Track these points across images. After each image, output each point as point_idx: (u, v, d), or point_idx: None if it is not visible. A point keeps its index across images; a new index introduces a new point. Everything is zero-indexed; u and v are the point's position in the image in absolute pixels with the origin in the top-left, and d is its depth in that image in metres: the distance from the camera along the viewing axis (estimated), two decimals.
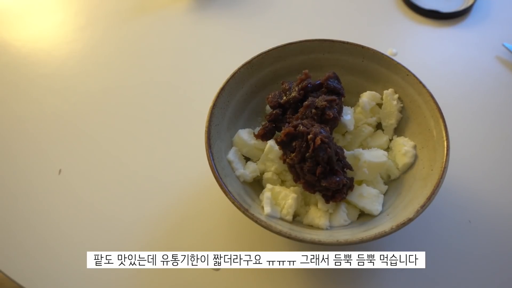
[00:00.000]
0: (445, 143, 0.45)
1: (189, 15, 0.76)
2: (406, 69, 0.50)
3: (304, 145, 0.43)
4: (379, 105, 0.53)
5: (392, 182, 0.50)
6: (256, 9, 0.76)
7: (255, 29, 0.73)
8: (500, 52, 0.69)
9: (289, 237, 0.40)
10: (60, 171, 0.56)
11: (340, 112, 0.48)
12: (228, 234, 0.50)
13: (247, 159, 0.51)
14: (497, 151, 0.57)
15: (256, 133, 0.50)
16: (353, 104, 0.54)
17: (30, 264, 0.49)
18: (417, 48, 0.71)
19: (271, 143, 0.47)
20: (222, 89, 0.49)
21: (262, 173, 0.49)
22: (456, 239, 0.50)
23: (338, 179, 0.43)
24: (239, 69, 0.50)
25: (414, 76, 0.50)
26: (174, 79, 0.67)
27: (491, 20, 0.73)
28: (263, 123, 0.50)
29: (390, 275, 0.48)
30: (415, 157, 0.49)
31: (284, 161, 0.46)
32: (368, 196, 0.46)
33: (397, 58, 0.52)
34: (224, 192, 0.42)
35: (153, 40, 0.72)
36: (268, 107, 0.51)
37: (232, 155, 0.48)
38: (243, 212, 0.41)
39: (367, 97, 0.52)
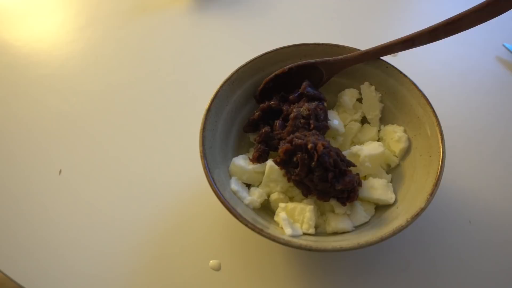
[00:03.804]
0: (437, 128, 0.45)
1: (188, 16, 0.76)
2: (386, 62, 0.51)
3: (306, 157, 0.42)
4: (359, 100, 0.54)
5: (393, 176, 0.50)
6: (256, 10, 0.77)
7: (254, 30, 0.73)
8: (500, 52, 0.69)
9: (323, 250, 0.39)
10: (60, 171, 0.56)
11: (325, 116, 0.49)
12: (224, 236, 0.51)
13: (247, 186, 0.50)
14: (497, 151, 0.57)
15: (250, 158, 0.49)
16: (333, 103, 0.54)
17: (30, 264, 0.49)
18: (416, 48, 0.70)
19: (270, 163, 0.46)
20: (209, 110, 0.48)
21: (268, 196, 0.48)
22: (457, 239, 0.50)
23: (350, 177, 0.43)
24: (221, 87, 0.49)
25: (394, 67, 0.50)
26: (173, 79, 0.67)
27: (491, 20, 0.73)
28: (255, 146, 0.50)
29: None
30: (409, 140, 0.49)
31: (289, 179, 0.45)
32: (379, 187, 0.46)
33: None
34: (246, 224, 0.40)
35: (153, 41, 0.72)
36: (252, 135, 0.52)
37: (235, 184, 0.47)
38: (274, 241, 0.39)
39: (347, 95, 0.53)
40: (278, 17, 0.75)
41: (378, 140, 0.52)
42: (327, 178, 0.42)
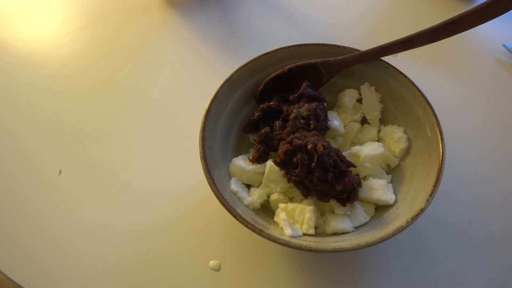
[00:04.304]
0: (437, 129, 0.45)
1: (188, 16, 0.76)
2: (386, 62, 0.51)
3: (306, 157, 0.42)
4: (359, 100, 0.54)
5: (393, 177, 0.50)
6: (255, 10, 0.76)
7: (254, 30, 0.73)
8: (500, 53, 0.69)
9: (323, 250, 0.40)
10: (60, 171, 0.56)
11: (326, 117, 0.49)
12: (224, 237, 0.50)
13: (247, 186, 0.49)
14: (497, 152, 0.57)
15: (250, 158, 0.49)
16: (333, 104, 0.54)
17: (30, 264, 0.49)
18: (416, 48, 0.71)
19: (270, 164, 0.46)
20: (208, 110, 0.48)
21: (268, 196, 0.48)
22: (457, 239, 0.50)
23: (350, 178, 0.43)
24: (221, 87, 0.49)
25: (394, 67, 0.50)
26: (173, 79, 0.67)
27: (491, 20, 0.73)
28: (255, 146, 0.50)
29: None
30: (409, 140, 0.49)
31: (289, 180, 0.45)
32: (379, 187, 0.46)
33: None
34: (246, 225, 0.40)
35: (153, 41, 0.72)
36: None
37: (235, 185, 0.47)
38: (274, 241, 0.39)
39: (347, 96, 0.53)
40: (278, 17, 0.75)
41: (378, 140, 0.52)
42: (327, 179, 0.42)
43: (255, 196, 0.47)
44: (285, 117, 0.49)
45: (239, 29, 0.74)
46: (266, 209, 0.48)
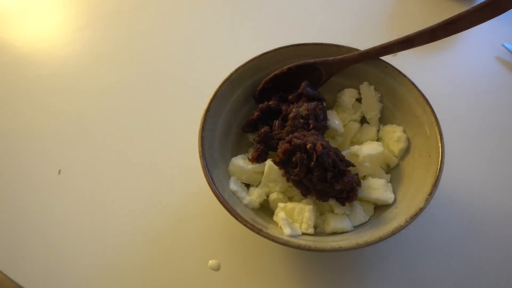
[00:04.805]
0: (437, 128, 0.45)
1: (188, 15, 0.76)
2: (385, 61, 0.51)
3: (305, 157, 0.42)
4: (358, 100, 0.54)
5: (392, 176, 0.50)
6: (255, 9, 0.77)
7: (254, 29, 0.73)
8: (500, 53, 0.69)
9: (320, 250, 0.39)
10: (59, 171, 0.56)
11: (325, 116, 0.49)
12: (223, 236, 0.51)
13: (246, 185, 0.49)
14: (497, 151, 0.57)
15: (249, 157, 0.49)
16: (332, 103, 0.54)
17: (30, 264, 0.49)
18: (416, 48, 0.70)
19: (269, 163, 0.46)
20: (208, 110, 0.48)
21: (267, 196, 0.48)
22: (456, 240, 0.50)
23: (349, 177, 0.43)
24: (220, 87, 0.49)
25: (393, 67, 0.50)
26: (173, 79, 0.67)
27: (491, 20, 0.73)
28: (254, 146, 0.50)
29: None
30: (408, 140, 0.49)
31: (288, 179, 0.45)
32: (378, 187, 0.46)
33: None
34: (245, 224, 0.40)
35: (152, 41, 0.72)
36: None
37: (234, 184, 0.47)
38: (273, 240, 0.39)
39: (346, 95, 0.53)
40: (278, 17, 0.75)
41: (378, 140, 0.52)
42: (326, 178, 0.42)
43: (254, 196, 0.47)
44: (284, 116, 0.49)
45: (239, 28, 0.74)
46: (265, 209, 0.48)
